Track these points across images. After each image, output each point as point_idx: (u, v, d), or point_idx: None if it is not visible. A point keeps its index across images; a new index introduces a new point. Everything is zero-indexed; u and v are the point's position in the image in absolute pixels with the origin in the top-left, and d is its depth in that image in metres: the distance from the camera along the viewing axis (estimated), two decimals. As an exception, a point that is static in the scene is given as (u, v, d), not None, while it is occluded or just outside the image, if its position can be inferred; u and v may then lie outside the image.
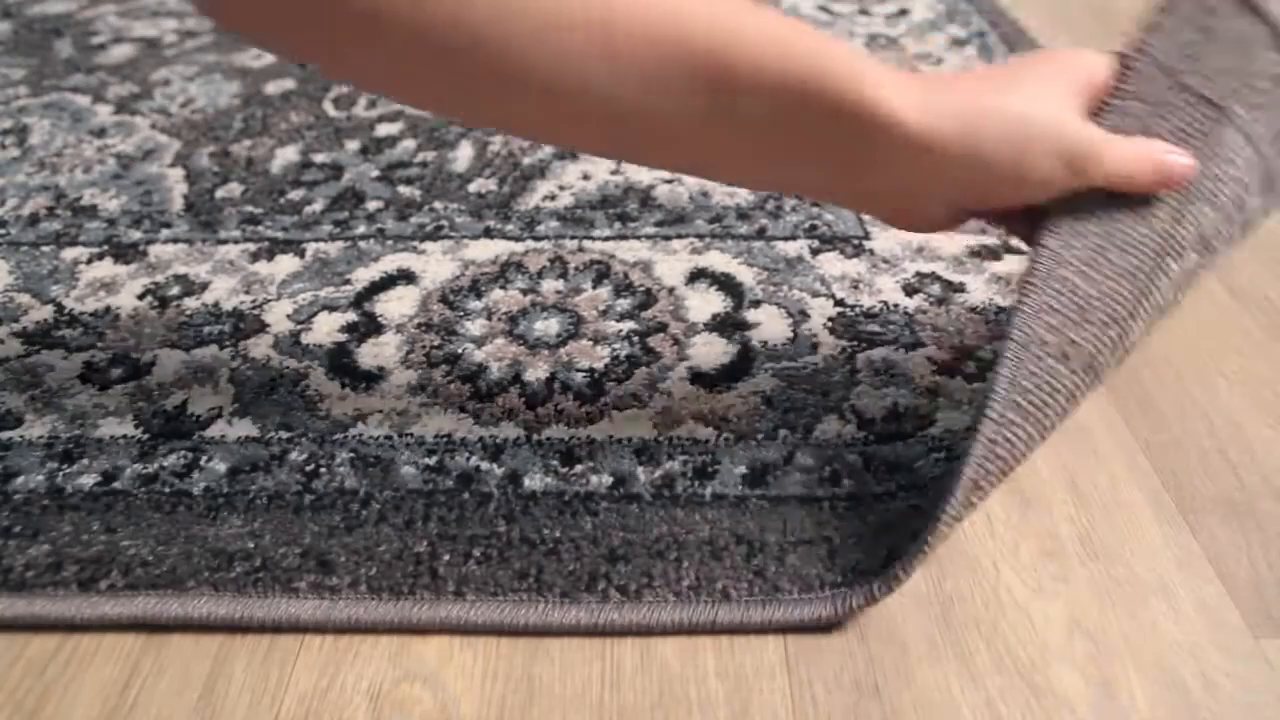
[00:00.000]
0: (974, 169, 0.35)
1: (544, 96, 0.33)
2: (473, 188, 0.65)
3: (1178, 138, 0.37)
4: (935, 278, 0.55)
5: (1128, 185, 0.36)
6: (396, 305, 0.54)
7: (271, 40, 0.37)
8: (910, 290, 0.54)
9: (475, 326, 0.52)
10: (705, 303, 0.54)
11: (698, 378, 0.48)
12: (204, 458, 0.44)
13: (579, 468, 0.43)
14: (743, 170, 0.39)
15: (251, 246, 0.59)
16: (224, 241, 0.60)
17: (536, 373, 0.49)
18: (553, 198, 0.64)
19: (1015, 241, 0.58)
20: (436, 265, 0.57)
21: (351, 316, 0.53)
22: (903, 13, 0.95)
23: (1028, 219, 0.38)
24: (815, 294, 0.54)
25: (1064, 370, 0.36)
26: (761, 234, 0.59)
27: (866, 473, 0.42)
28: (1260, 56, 0.39)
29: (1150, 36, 0.39)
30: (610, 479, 0.42)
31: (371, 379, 0.49)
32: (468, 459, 0.44)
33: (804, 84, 0.33)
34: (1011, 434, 0.35)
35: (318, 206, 0.63)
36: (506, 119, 0.37)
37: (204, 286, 0.56)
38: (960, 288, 0.54)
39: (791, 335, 0.51)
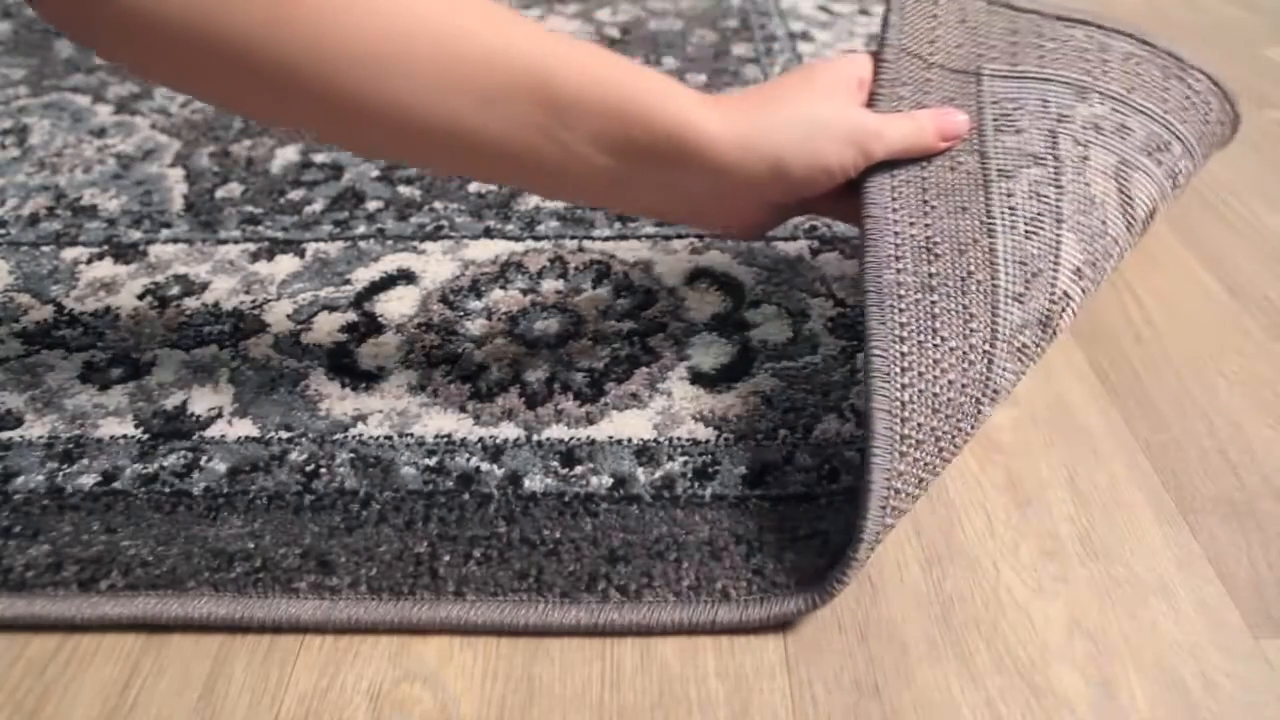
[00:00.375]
0: (778, 168, 0.40)
1: (390, 119, 0.37)
2: (472, 188, 0.65)
3: (949, 104, 0.45)
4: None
5: (915, 150, 0.43)
6: (396, 305, 0.54)
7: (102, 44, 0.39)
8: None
9: (475, 326, 0.52)
10: (705, 303, 0.54)
11: (698, 378, 0.48)
12: (204, 458, 0.44)
13: (579, 469, 0.43)
14: (584, 190, 0.44)
15: (251, 246, 0.59)
16: (224, 241, 0.60)
17: (536, 373, 0.49)
18: (553, 198, 0.64)
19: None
20: (436, 265, 0.57)
21: (351, 316, 0.53)
22: (903, 12, 0.95)
23: (841, 202, 0.44)
24: (815, 294, 0.54)
25: (936, 298, 0.39)
26: (764, 238, 0.59)
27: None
28: (985, 23, 0.49)
29: (892, 32, 0.47)
30: (610, 480, 0.42)
31: (371, 379, 0.49)
32: (468, 460, 0.44)
33: (621, 108, 0.38)
34: (904, 374, 0.37)
35: (318, 206, 0.63)
36: (360, 144, 0.43)
37: (204, 286, 0.56)
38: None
39: (791, 335, 0.51)
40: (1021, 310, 0.39)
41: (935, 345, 0.38)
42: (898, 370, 0.37)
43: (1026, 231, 0.41)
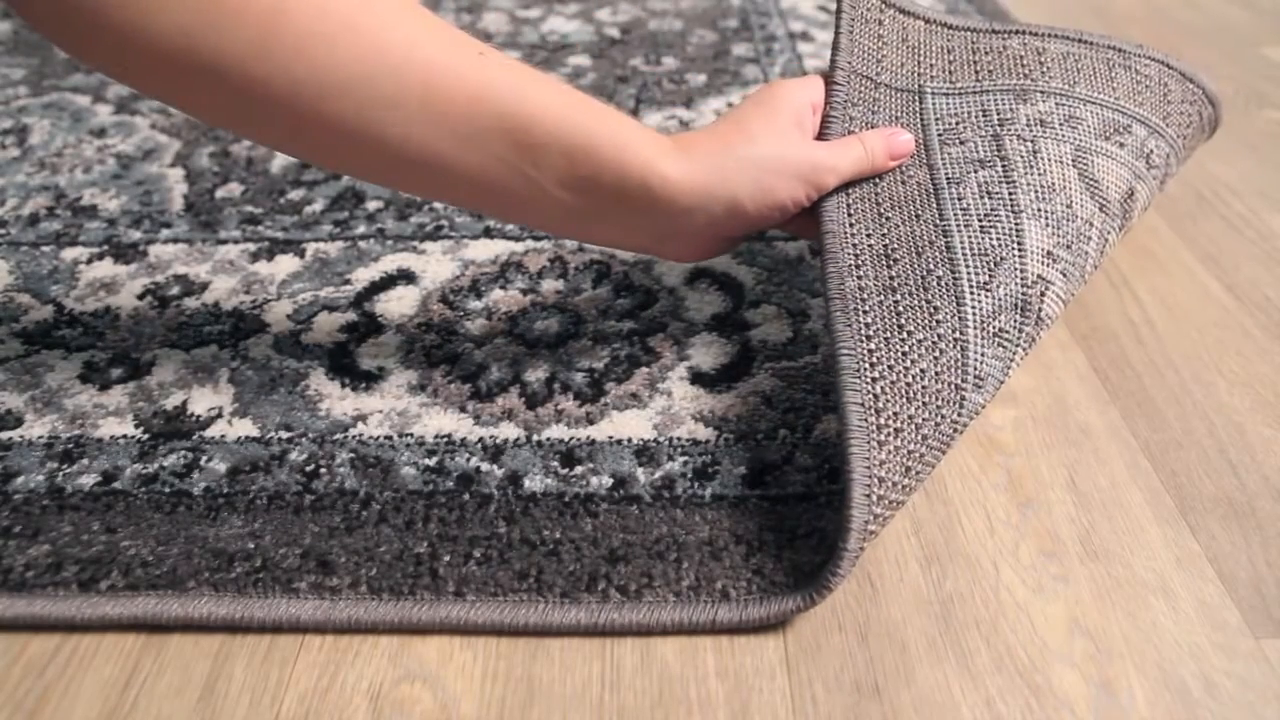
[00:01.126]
0: (733, 209, 0.43)
1: (372, 147, 0.39)
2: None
3: (895, 123, 0.48)
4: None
5: (866, 173, 0.46)
6: (396, 305, 0.54)
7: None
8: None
9: (475, 326, 0.52)
10: (705, 303, 0.54)
11: (698, 378, 0.48)
12: (204, 458, 0.44)
13: (579, 469, 0.43)
14: (549, 222, 0.46)
15: (251, 246, 0.59)
16: (224, 241, 0.60)
17: (536, 373, 0.49)
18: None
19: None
20: (436, 265, 0.57)
21: (351, 316, 0.53)
22: (903, 12, 0.95)
23: (797, 220, 0.46)
24: (815, 294, 0.54)
25: (899, 297, 0.41)
26: (761, 234, 0.59)
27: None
28: (925, 43, 0.52)
29: (842, 55, 0.49)
30: (610, 480, 0.42)
31: (371, 379, 0.49)
32: (468, 460, 0.44)
33: (589, 153, 0.40)
34: (874, 369, 0.38)
35: (318, 206, 0.63)
36: (341, 167, 0.44)
37: (204, 286, 0.56)
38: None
39: (791, 335, 0.51)
40: (991, 298, 0.40)
41: (902, 340, 0.39)
42: (867, 366, 0.38)
43: (982, 227, 0.43)
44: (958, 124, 0.48)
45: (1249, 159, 0.69)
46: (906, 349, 0.39)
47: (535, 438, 0.45)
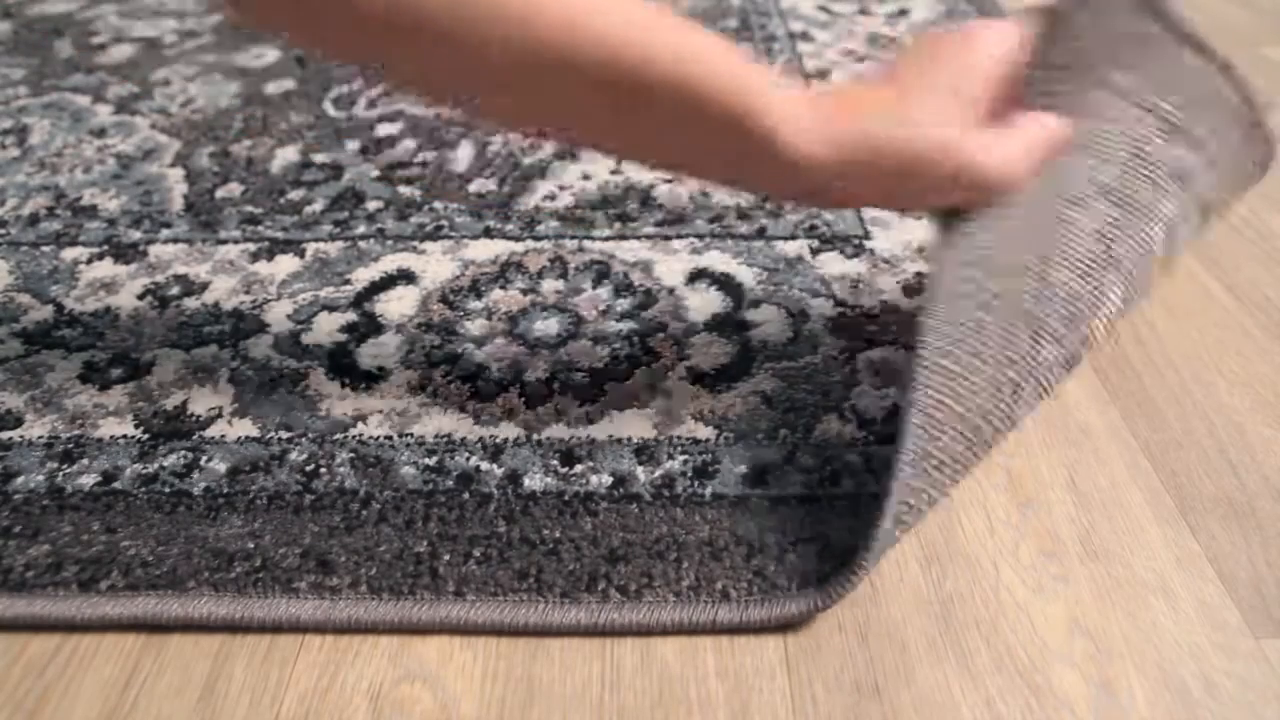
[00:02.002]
0: (856, 192, 0.38)
1: (507, 81, 0.36)
2: (472, 188, 0.65)
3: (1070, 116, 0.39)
4: (935, 278, 0.55)
5: (1024, 176, 0.38)
6: (396, 305, 0.54)
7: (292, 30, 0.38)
8: (911, 291, 0.54)
9: (475, 326, 0.52)
10: (705, 302, 0.54)
11: (698, 378, 0.48)
12: (204, 458, 0.44)
13: (579, 468, 0.43)
14: (647, 153, 0.41)
15: (251, 246, 0.59)
16: (224, 241, 0.60)
17: (536, 372, 0.49)
18: (553, 198, 0.64)
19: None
20: (436, 265, 0.57)
21: (351, 316, 0.53)
22: (903, 13, 0.95)
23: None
24: (815, 294, 0.54)
25: (989, 319, 0.37)
26: (761, 234, 0.59)
27: (867, 473, 0.42)
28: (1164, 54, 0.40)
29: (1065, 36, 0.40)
30: (610, 479, 0.42)
31: (371, 379, 0.49)
32: (468, 459, 0.44)
33: (699, 94, 0.36)
34: (941, 392, 0.36)
35: (318, 206, 0.63)
36: (441, 88, 0.39)
37: (204, 286, 0.56)
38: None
39: (791, 335, 0.51)
40: (1056, 350, 0.38)
41: (975, 369, 0.36)
42: (937, 386, 0.36)
43: (1082, 272, 0.38)
44: (1106, 131, 0.39)
45: (1249, 159, 0.69)
46: (974, 382, 0.36)
47: (535, 437, 0.45)
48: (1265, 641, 0.37)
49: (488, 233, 0.60)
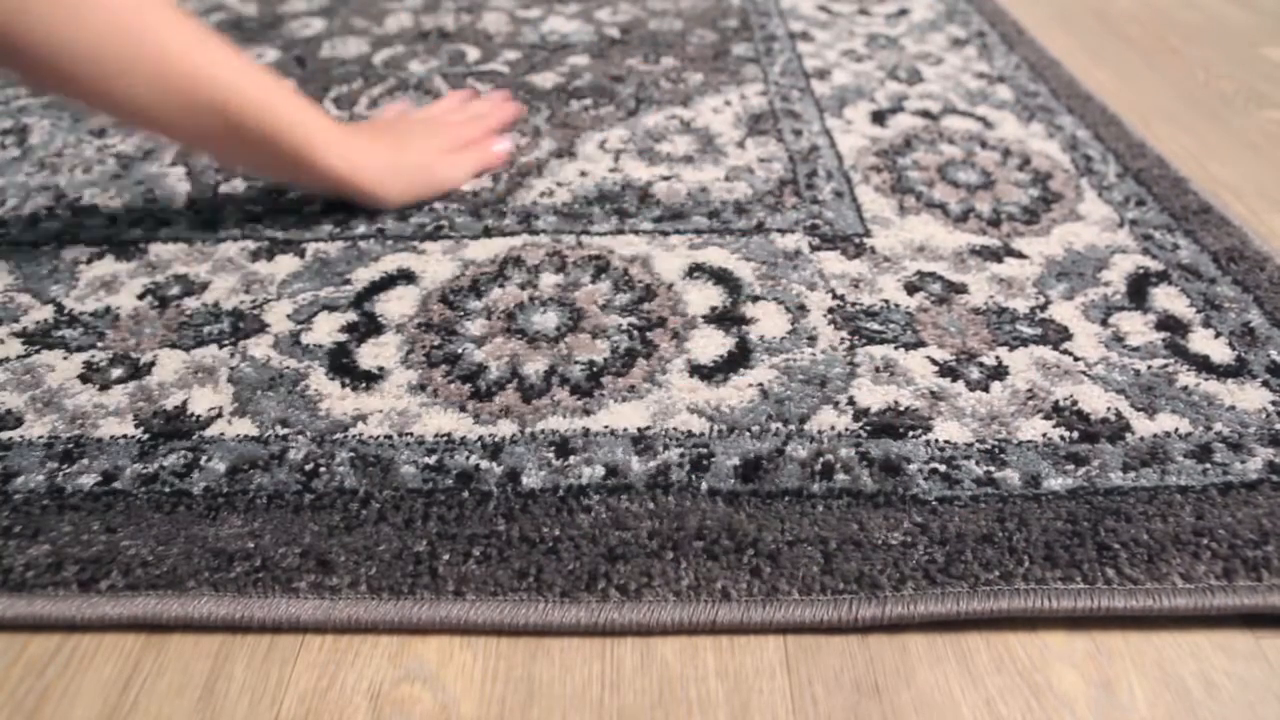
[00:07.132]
0: (383, 198, 0.61)
1: (106, 105, 0.52)
2: (469, 187, 0.65)
3: None
4: (936, 277, 0.55)
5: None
6: (396, 305, 0.54)
7: None
8: (911, 289, 0.54)
9: (475, 326, 0.52)
10: (703, 297, 0.54)
11: (696, 371, 0.48)
12: (204, 457, 0.44)
13: (573, 459, 0.43)
14: (241, 164, 0.65)
15: (251, 246, 0.59)
16: (224, 241, 0.60)
17: (535, 366, 0.49)
18: (550, 194, 0.64)
19: (1017, 244, 0.58)
20: (436, 265, 0.57)
21: (351, 316, 0.53)
22: (903, 13, 0.95)
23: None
24: (813, 288, 0.54)
25: None
26: (760, 229, 0.59)
27: (861, 468, 0.42)
28: None
29: None
30: (604, 469, 0.42)
31: (371, 379, 0.49)
32: (467, 458, 0.44)
33: (276, 132, 0.55)
34: None
35: (317, 206, 0.63)
36: (90, 106, 0.53)
37: (204, 286, 0.56)
38: (962, 288, 0.54)
39: (790, 329, 0.51)
40: None
41: None
42: None
43: None
44: None
45: (1249, 159, 0.69)
46: None
47: (530, 430, 0.45)
48: (1265, 641, 0.37)
49: (487, 232, 0.60)
